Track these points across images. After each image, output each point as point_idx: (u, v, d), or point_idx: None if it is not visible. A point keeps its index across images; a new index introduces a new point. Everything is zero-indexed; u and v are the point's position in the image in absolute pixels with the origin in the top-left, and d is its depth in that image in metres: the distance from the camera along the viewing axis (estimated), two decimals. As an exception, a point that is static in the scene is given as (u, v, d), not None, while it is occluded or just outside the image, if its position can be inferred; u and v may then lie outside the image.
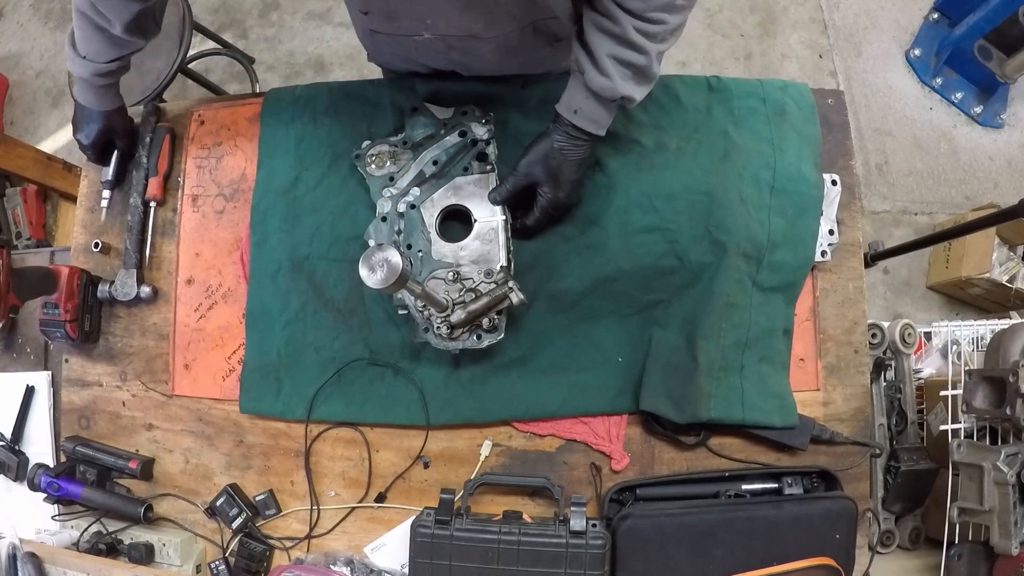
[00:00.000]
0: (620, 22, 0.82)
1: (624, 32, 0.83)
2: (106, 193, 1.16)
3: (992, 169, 2.43)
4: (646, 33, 0.83)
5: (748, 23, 2.53)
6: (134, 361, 1.14)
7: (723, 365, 1.00)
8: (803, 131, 1.09)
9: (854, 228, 1.10)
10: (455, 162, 1.02)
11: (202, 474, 1.10)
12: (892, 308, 2.29)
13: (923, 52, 2.47)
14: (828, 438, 1.03)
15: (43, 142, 2.62)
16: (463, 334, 0.96)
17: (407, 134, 1.05)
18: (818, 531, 0.95)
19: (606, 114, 0.91)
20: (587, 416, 1.03)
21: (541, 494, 1.03)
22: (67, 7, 2.77)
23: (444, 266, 0.97)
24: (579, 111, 0.90)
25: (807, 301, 1.08)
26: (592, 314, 1.04)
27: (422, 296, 0.87)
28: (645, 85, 0.90)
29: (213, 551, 1.08)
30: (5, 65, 2.75)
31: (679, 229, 1.02)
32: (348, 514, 1.06)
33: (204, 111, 1.20)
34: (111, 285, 1.12)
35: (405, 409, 1.03)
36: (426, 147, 1.03)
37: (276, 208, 1.09)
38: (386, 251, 0.73)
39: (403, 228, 1.00)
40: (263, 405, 1.07)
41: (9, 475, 1.16)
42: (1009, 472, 1.08)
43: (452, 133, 1.03)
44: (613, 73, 0.85)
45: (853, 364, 1.07)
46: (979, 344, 1.49)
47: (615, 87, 0.86)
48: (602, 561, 0.92)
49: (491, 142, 1.01)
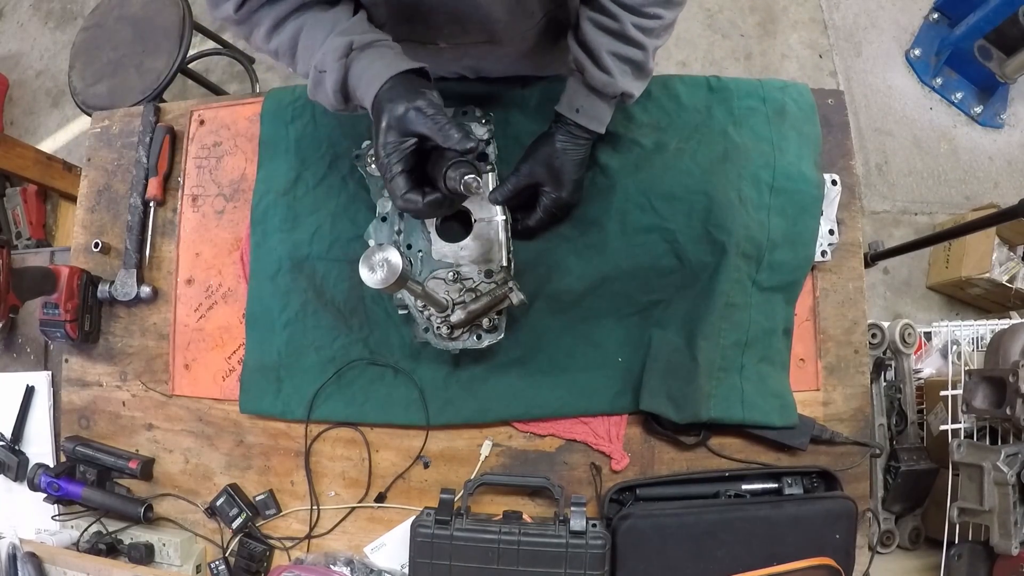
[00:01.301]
0: (619, 19, 0.83)
1: (623, 29, 0.83)
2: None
3: (992, 169, 2.43)
4: (644, 28, 0.84)
5: (748, 23, 2.53)
6: (134, 361, 1.14)
7: (723, 365, 1.00)
8: (803, 131, 1.09)
9: (854, 228, 1.10)
10: None
11: (202, 474, 1.10)
12: (892, 308, 2.30)
13: (923, 52, 2.47)
14: (828, 438, 1.03)
15: (43, 142, 2.62)
16: (463, 334, 0.96)
17: None
18: (818, 531, 0.95)
19: (607, 110, 0.92)
20: (587, 416, 1.03)
21: (541, 494, 1.03)
22: (67, 7, 2.78)
23: (444, 266, 0.97)
24: (581, 109, 0.91)
25: (807, 301, 1.08)
26: (592, 314, 1.04)
27: (422, 296, 0.87)
28: (642, 80, 0.91)
29: (213, 551, 1.08)
30: (5, 65, 2.75)
31: (679, 229, 1.02)
32: (348, 514, 1.06)
33: (204, 111, 1.20)
34: (111, 285, 1.12)
35: (405, 409, 1.03)
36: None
37: (276, 208, 1.09)
38: (386, 251, 0.73)
39: (403, 228, 1.00)
40: (263, 405, 1.07)
41: (9, 475, 1.16)
42: (1009, 472, 1.08)
43: None
44: (614, 70, 0.86)
45: (853, 364, 1.07)
46: (979, 344, 1.49)
47: (616, 83, 0.87)
48: (602, 561, 0.92)
49: (491, 142, 1.01)
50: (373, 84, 0.76)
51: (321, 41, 0.78)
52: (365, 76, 0.77)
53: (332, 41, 0.77)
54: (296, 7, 0.81)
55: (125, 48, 1.78)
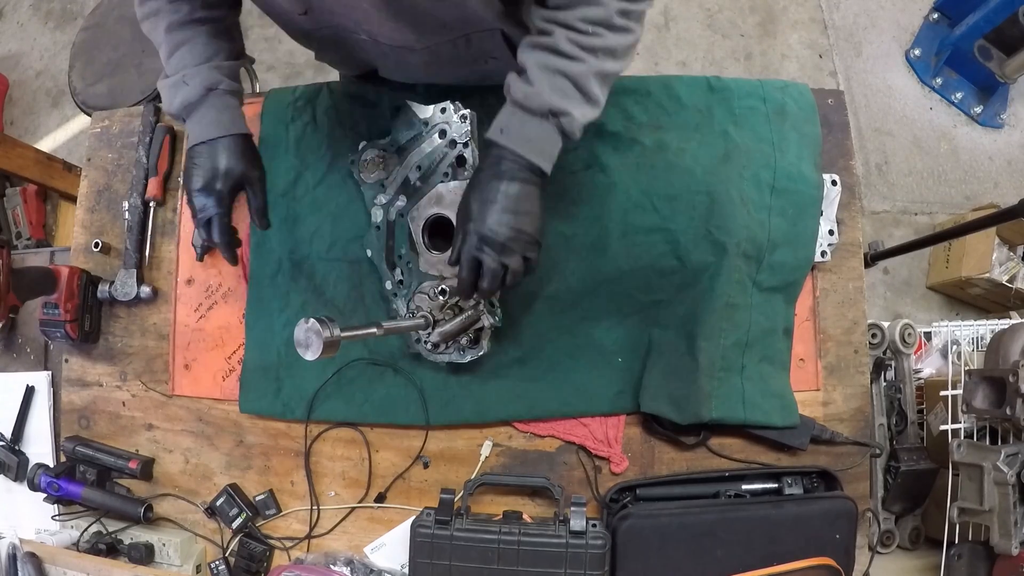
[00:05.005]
0: (552, 34, 0.78)
1: (555, 43, 0.77)
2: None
3: (992, 169, 2.42)
4: (580, 44, 0.77)
5: (748, 23, 2.53)
6: (134, 361, 1.14)
7: (724, 365, 1.00)
8: (803, 131, 1.09)
9: (854, 228, 1.10)
10: (437, 168, 0.98)
11: (202, 474, 1.10)
12: (892, 308, 2.29)
13: (923, 52, 2.47)
14: (828, 438, 1.03)
15: (43, 142, 2.62)
16: (447, 348, 0.98)
17: (393, 137, 1.03)
18: (818, 531, 0.95)
19: (540, 133, 0.79)
20: (587, 417, 1.03)
21: (541, 494, 1.03)
22: (67, 7, 2.78)
23: (431, 279, 0.97)
24: (505, 130, 0.80)
25: (807, 301, 1.08)
26: (592, 314, 1.04)
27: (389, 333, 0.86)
28: (582, 102, 0.79)
29: (213, 551, 1.08)
30: (5, 65, 2.75)
31: (679, 229, 1.02)
32: (348, 514, 1.06)
33: (204, 111, 1.19)
34: (111, 285, 1.12)
35: (405, 409, 1.03)
36: (411, 150, 1.00)
37: (276, 208, 1.09)
38: (308, 323, 0.73)
39: (394, 239, 0.99)
40: (263, 405, 1.07)
41: (9, 475, 1.16)
42: (1009, 472, 1.08)
43: (433, 134, 0.98)
44: (539, 80, 0.77)
45: (853, 364, 1.07)
46: (979, 344, 1.49)
47: (540, 94, 0.77)
48: (602, 561, 0.92)
49: (469, 144, 0.96)
50: (209, 128, 0.87)
51: (198, 62, 0.86)
52: (208, 116, 0.88)
53: (208, 71, 0.86)
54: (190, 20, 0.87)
55: (125, 48, 1.78)
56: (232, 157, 0.88)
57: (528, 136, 0.80)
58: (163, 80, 0.88)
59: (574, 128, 0.80)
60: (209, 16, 0.88)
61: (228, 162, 0.87)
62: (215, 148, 0.87)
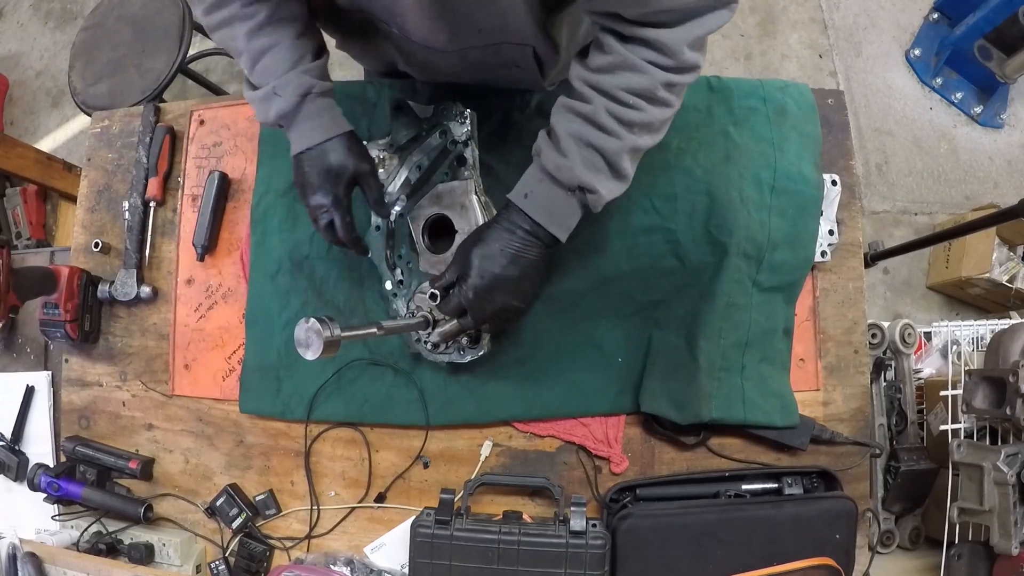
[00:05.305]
0: (592, 101, 0.75)
1: (594, 113, 0.74)
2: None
3: (992, 169, 2.42)
4: (619, 117, 0.74)
5: (748, 23, 2.53)
6: (134, 361, 1.14)
7: (724, 365, 1.00)
8: (803, 131, 1.09)
9: (854, 228, 1.10)
10: (437, 167, 0.98)
11: (202, 474, 1.10)
12: (892, 308, 2.29)
13: (923, 52, 2.47)
14: (828, 438, 1.03)
15: (43, 142, 2.62)
16: (447, 348, 0.98)
17: (393, 136, 1.02)
18: (818, 531, 0.95)
19: (564, 207, 0.79)
20: (587, 417, 1.03)
21: (541, 494, 1.03)
22: (67, 7, 2.78)
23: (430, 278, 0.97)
24: (530, 195, 0.79)
25: (807, 301, 1.08)
26: (592, 314, 1.04)
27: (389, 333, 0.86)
28: (613, 179, 0.78)
29: (213, 551, 1.08)
30: (5, 65, 2.75)
31: (680, 229, 1.02)
32: (348, 514, 1.06)
33: (204, 111, 1.20)
34: (111, 285, 1.12)
35: (405, 409, 1.03)
36: (411, 150, 1.00)
37: (276, 208, 1.09)
38: (308, 323, 0.73)
39: (394, 239, 0.99)
40: (263, 405, 1.07)
41: (9, 475, 1.16)
42: (1009, 472, 1.08)
43: (434, 133, 0.99)
44: (573, 153, 0.76)
45: (853, 364, 1.07)
46: (979, 344, 1.49)
47: (572, 168, 0.75)
48: (602, 561, 0.92)
49: (469, 143, 0.96)
50: (312, 135, 0.86)
51: (286, 69, 0.83)
52: (311, 121, 0.86)
53: (298, 77, 0.84)
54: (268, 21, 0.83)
55: (125, 48, 1.78)
56: (340, 157, 0.86)
57: (552, 208, 0.80)
58: (251, 92, 0.86)
59: (599, 205, 0.79)
60: (288, 15, 0.84)
61: (338, 163, 0.86)
62: (323, 152, 0.86)
